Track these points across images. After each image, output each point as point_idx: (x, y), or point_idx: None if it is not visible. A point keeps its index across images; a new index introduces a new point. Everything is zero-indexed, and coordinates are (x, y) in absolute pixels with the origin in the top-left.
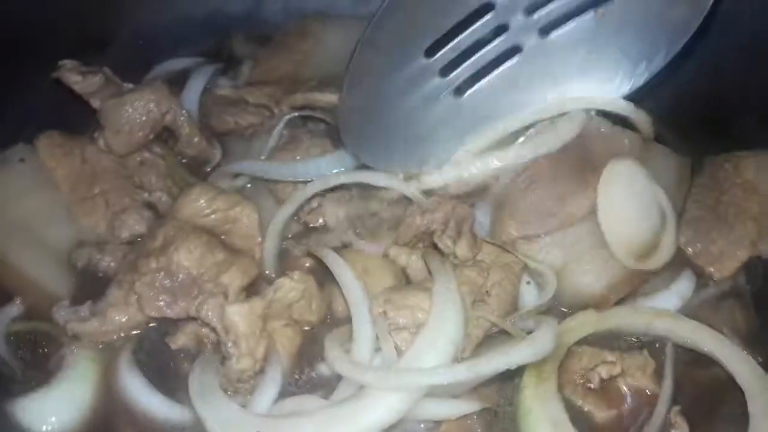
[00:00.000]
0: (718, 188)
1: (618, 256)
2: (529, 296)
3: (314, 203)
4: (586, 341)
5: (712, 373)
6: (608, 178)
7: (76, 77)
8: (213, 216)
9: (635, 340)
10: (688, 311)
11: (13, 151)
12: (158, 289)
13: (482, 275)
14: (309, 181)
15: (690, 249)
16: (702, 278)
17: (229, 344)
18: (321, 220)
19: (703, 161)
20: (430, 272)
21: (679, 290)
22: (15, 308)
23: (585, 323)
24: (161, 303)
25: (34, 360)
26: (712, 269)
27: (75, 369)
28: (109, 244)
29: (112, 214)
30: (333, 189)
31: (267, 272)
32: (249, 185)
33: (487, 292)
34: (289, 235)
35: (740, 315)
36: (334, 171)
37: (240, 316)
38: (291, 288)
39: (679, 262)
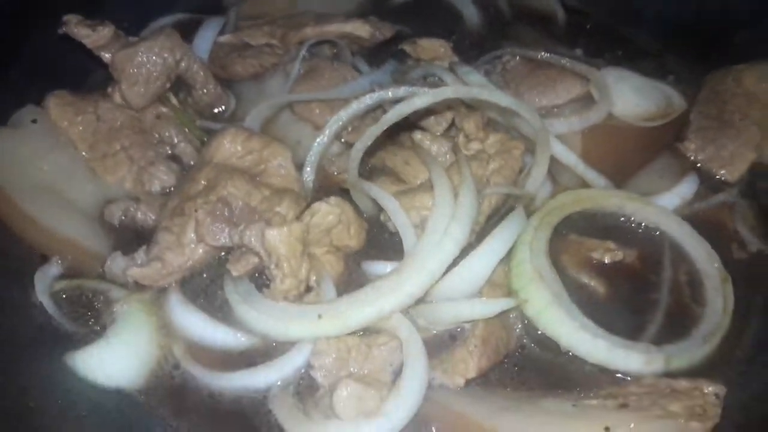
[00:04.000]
0: (721, 99)
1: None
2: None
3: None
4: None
5: None
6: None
7: (85, 30)
8: (248, 157)
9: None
10: (702, 214)
11: (22, 112)
12: (219, 218)
13: (483, 166)
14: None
15: (701, 155)
16: (712, 182)
17: (272, 266)
18: None
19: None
20: None
21: (680, 191)
22: (54, 268)
23: (564, 203)
24: (223, 231)
25: (84, 316)
26: (723, 171)
27: (128, 319)
28: (141, 197)
29: (138, 169)
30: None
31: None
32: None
33: (487, 180)
34: (332, 158)
35: (752, 214)
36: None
37: (280, 239)
38: (327, 212)
39: (687, 169)
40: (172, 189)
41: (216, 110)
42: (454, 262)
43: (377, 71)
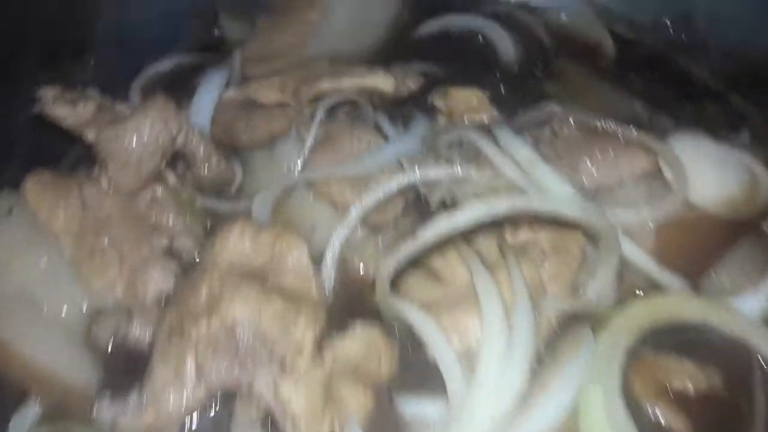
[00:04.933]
0: None
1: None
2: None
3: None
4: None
5: None
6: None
7: (62, 110)
8: (257, 256)
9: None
10: None
11: None
12: (222, 352)
13: (536, 266)
14: None
15: None
16: None
17: (288, 425)
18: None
19: None
20: None
21: None
22: (32, 410)
23: (636, 317)
24: (229, 371)
25: None
26: None
27: None
28: (134, 309)
29: (129, 270)
30: None
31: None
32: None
33: (543, 286)
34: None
35: None
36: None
37: (296, 392)
38: (352, 347)
39: None
40: (171, 295)
41: (220, 186)
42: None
43: (404, 136)
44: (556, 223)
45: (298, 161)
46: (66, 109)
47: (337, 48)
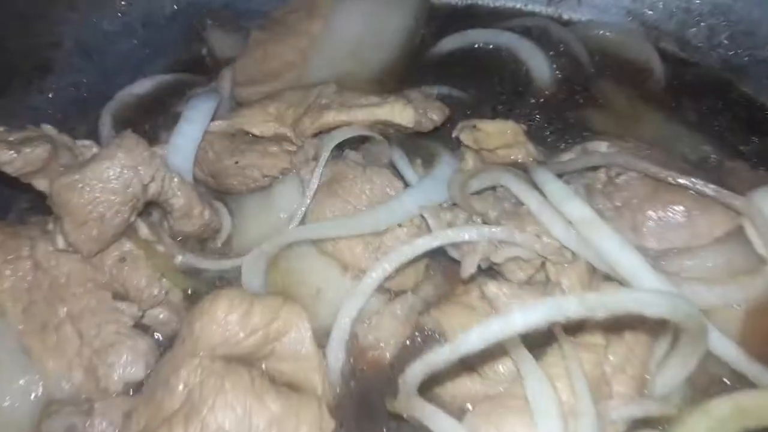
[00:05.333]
0: None
1: None
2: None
3: None
4: None
5: None
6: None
7: (6, 153)
8: (249, 340)
9: None
10: None
11: None
12: None
13: (598, 357)
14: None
15: None
16: None
17: None
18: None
19: None
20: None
21: None
22: None
23: (720, 420)
24: None
25: None
26: None
27: None
28: (95, 401)
29: (91, 353)
30: None
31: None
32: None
33: (607, 384)
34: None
35: None
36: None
37: None
38: None
39: None
40: (142, 384)
41: (205, 237)
42: None
43: (426, 180)
44: None
45: (299, 210)
46: (9, 153)
47: (342, 67)
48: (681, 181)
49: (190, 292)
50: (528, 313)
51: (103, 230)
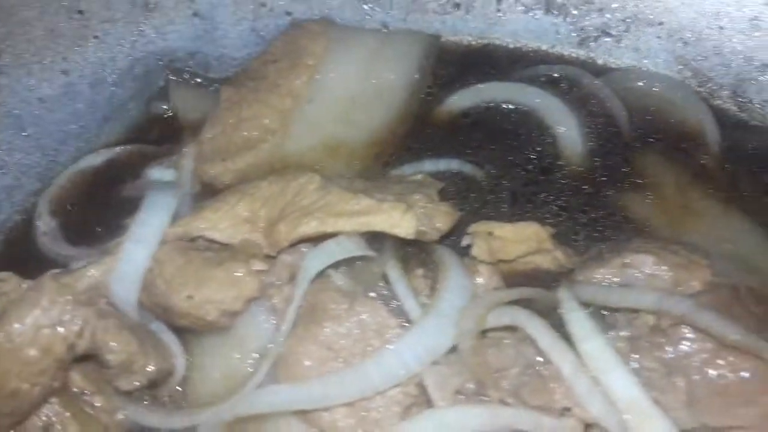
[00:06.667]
0: None
1: None
2: None
3: None
4: None
5: None
6: None
7: None
8: None
9: None
10: None
11: None
12: None
13: None
14: None
15: None
16: None
17: None
18: None
19: None
20: None
21: None
22: None
23: None
24: None
25: None
26: None
27: None
28: None
29: None
30: None
31: None
32: None
33: None
34: None
35: None
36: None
37: None
38: None
39: None
40: None
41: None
42: None
43: (430, 319)
44: None
45: (270, 354)
46: None
47: (331, 133)
48: (757, 349)
49: None
50: None
51: (17, 405)
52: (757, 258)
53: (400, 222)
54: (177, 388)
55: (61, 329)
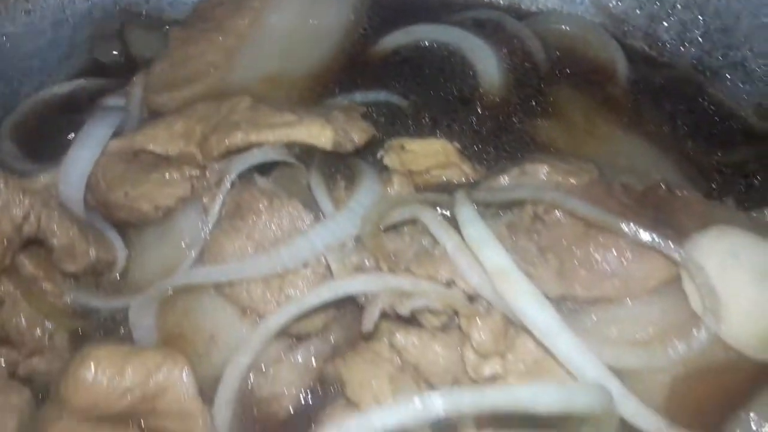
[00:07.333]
0: None
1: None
2: None
3: None
4: None
5: None
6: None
7: None
8: (125, 398)
9: None
10: None
11: None
12: None
13: None
14: None
15: None
16: None
17: None
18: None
19: None
20: None
21: None
22: None
23: None
24: None
25: None
26: None
27: None
28: None
29: None
30: None
31: None
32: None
33: None
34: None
35: None
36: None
37: None
38: None
39: None
40: None
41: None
42: None
43: (339, 214)
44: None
45: (196, 246)
46: None
47: (271, 67)
48: (614, 226)
49: (81, 332)
50: (387, 415)
51: None
52: (650, 170)
53: (319, 134)
54: (117, 277)
55: (9, 211)
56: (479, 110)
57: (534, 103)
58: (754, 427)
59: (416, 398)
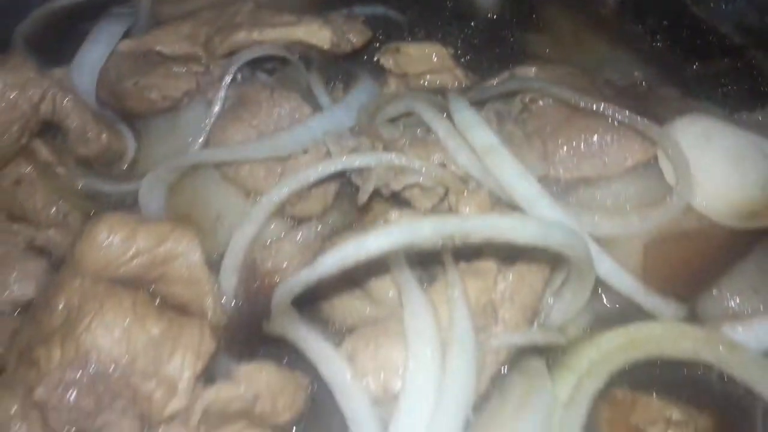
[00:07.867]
0: None
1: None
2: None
3: None
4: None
5: None
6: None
7: None
8: (135, 261)
9: None
10: None
11: None
12: (75, 397)
13: (488, 286)
14: None
15: None
16: None
17: None
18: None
19: None
20: None
21: None
22: None
23: (610, 352)
24: (84, 420)
25: None
26: None
27: None
28: None
29: None
30: None
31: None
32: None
33: (494, 311)
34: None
35: None
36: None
37: None
38: (231, 397)
39: None
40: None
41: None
42: None
43: (337, 106)
44: None
45: (202, 133)
46: None
47: None
48: (592, 106)
49: (92, 214)
50: (380, 236)
51: None
52: (617, 74)
53: (317, 33)
54: (126, 168)
55: (28, 89)
56: (473, 25)
57: (527, 20)
58: (724, 303)
59: (406, 222)
